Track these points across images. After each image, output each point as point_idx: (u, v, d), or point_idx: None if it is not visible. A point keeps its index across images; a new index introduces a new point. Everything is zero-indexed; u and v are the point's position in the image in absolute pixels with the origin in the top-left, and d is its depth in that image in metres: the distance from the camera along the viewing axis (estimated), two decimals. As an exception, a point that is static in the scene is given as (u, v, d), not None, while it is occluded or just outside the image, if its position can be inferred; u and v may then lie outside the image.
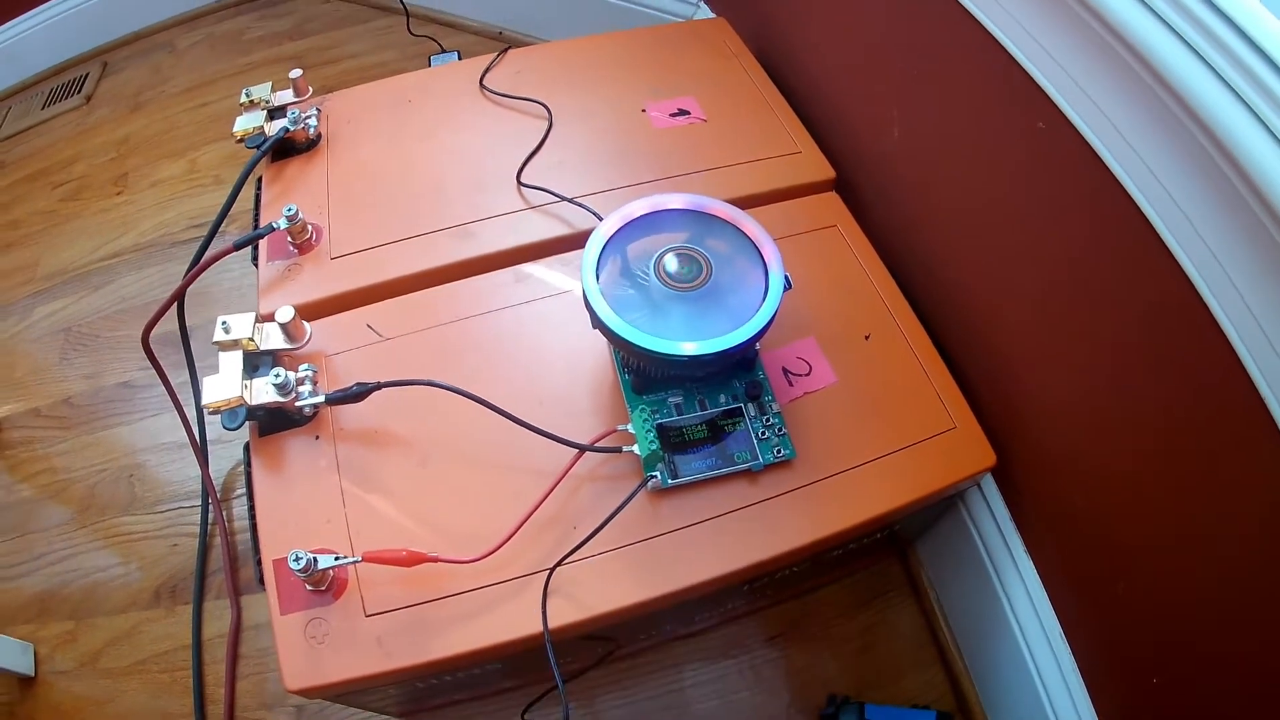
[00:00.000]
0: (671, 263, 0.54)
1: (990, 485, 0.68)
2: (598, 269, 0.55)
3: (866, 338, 0.63)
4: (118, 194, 1.30)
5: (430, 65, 1.16)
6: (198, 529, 0.93)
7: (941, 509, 0.73)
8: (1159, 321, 0.46)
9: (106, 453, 1.03)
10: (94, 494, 0.99)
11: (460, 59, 0.94)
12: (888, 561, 0.85)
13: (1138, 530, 0.53)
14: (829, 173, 0.74)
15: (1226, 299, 0.40)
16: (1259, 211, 0.37)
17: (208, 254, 0.69)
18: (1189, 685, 0.52)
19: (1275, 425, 0.39)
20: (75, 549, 0.96)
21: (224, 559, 0.90)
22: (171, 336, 0.74)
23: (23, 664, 0.87)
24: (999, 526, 0.68)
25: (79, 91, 1.49)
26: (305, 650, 0.52)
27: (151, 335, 0.66)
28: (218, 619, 0.87)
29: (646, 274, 0.54)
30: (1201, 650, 0.49)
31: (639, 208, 0.57)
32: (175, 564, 0.92)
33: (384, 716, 0.78)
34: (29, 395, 1.10)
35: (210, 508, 0.94)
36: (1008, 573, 0.68)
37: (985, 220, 0.61)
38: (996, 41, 0.52)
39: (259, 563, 0.56)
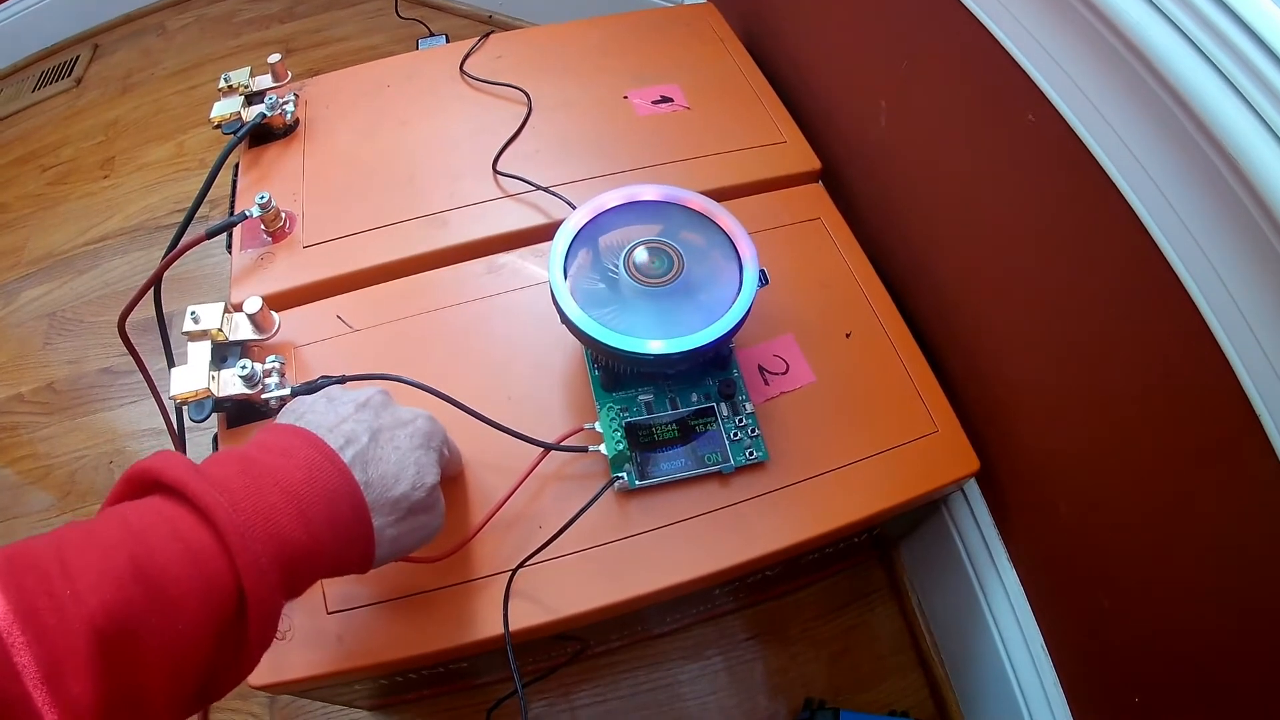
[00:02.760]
0: (642, 256, 0.53)
1: (974, 490, 0.67)
2: (567, 262, 0.53)
3: (848, 336, 0.61)
4: (104, 177, 1.29)
5: (418, 48, 1.14)
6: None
7: (925, 512, 0.72)
8: (1151, 325, 0.44)
9: (88, 438, 1.02)
10: (74, 480, 0.99)
11: (448, 42, 0.93)
12: (870, 563, 0.84)
13: (1123, 543, 0.51)
14: (814, 164, 0.71)
15: (1220, 305, 0.38)
16: (1250, 206, 0.35)
17: (182, 241, 0.68)
18: (1172, 707, 0.50)
19: (1266, 435, 0.37)
20: (55, 536, 0.95)
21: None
22: (153, 322, 0.73)
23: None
24: (982, 533, 0.67)
25: (69, 74, 1.48)
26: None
27: (132, 320, 0.65)
28: (193, 610, 0.86)
29: (616, 268, 0.53)
30: (1187, 671, 0.48)
31: (611, 199, 0.56)
32: (152, 553, 0.91)
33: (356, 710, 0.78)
34: (13, 380, 1.09)
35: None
36: (990, 580, 0.67)
37: (973, 216, 0.59)
38: (988, 32, 0.50)
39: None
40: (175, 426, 0.86)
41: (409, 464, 0.42)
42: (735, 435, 0.55)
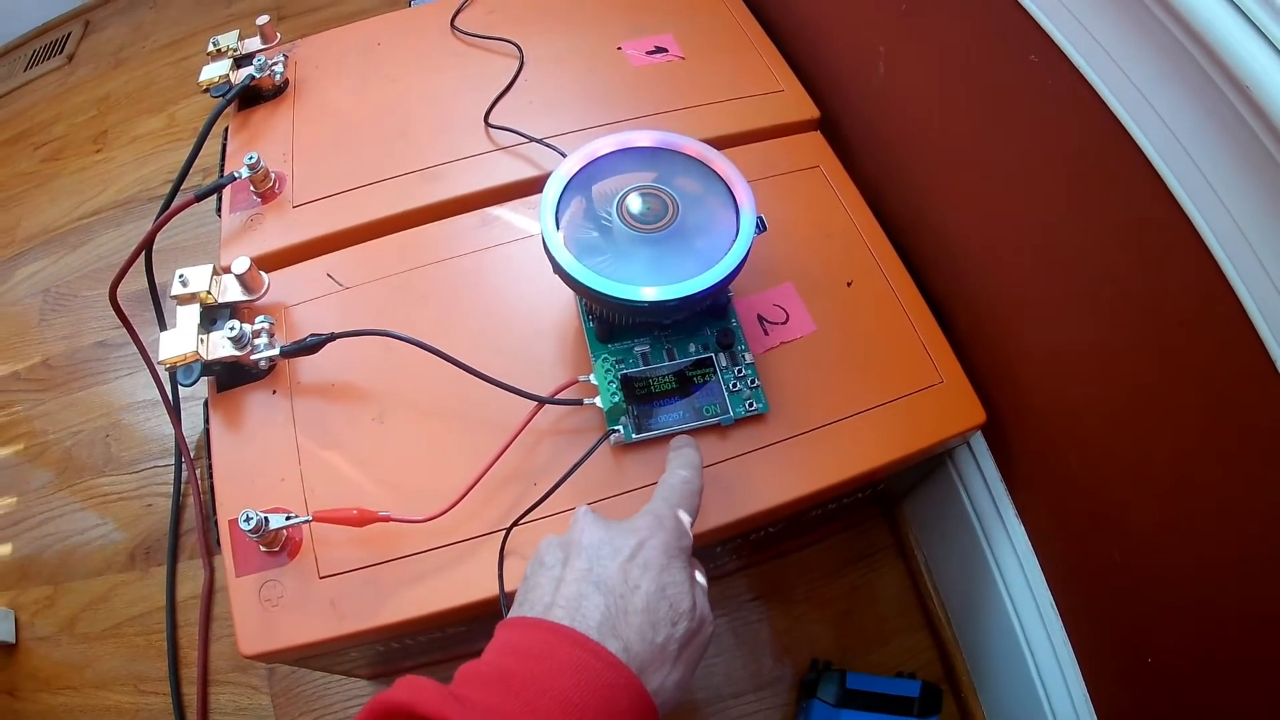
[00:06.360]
0: (635, 203, 0.51)
1: (980, 444, 0.65)
2: (559, 211, 0.52)
3: (849, 284, 0.60)
4: (97, 151, 1.27)
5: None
6: (171, 488, 0.91)
7: (929, 467, 0.70)
8: (1165, 269, 0.42)
9: (84, 413, 1.01)
10: (71, 456, 0.98)
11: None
12: (874, 521, 0.83)
13: (1136, 494, 0.50)
14: (813, 112, 0.69)
15: (1237, 252, 0.36)
16: (1260, 133, 0.33)
17: (171, 207, 0.67)
18: (1187, 668, 0.49)
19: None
20: (54, 512, 0.95)
21: (196, 519, 0.88)
22: (148, 294, 0.72)
23: (4, 631, 0.86)
24: (989, 488, 0.65)
25: (61, 51, 1.47)
26: (259, 614, 0.50)
27: (128, 293, 0.63)
28: (192, 579, 0.86)
29: (610, 215, 0.51)
30: (1204, 631, 0.46)
31: (604, 145, 0.54)
32: (150, 524, 0.90)
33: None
34: (8, 358, 1.08)
35: (184, 466, 0.92)
36: (997, 537, 0.65)
37: (976, 162, 0.57)
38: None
39: (216, 523, 0.54)
40: (170, 396, 0.86)
41: (658, 600, 0.36)
42: (734, 386, 0.53)
